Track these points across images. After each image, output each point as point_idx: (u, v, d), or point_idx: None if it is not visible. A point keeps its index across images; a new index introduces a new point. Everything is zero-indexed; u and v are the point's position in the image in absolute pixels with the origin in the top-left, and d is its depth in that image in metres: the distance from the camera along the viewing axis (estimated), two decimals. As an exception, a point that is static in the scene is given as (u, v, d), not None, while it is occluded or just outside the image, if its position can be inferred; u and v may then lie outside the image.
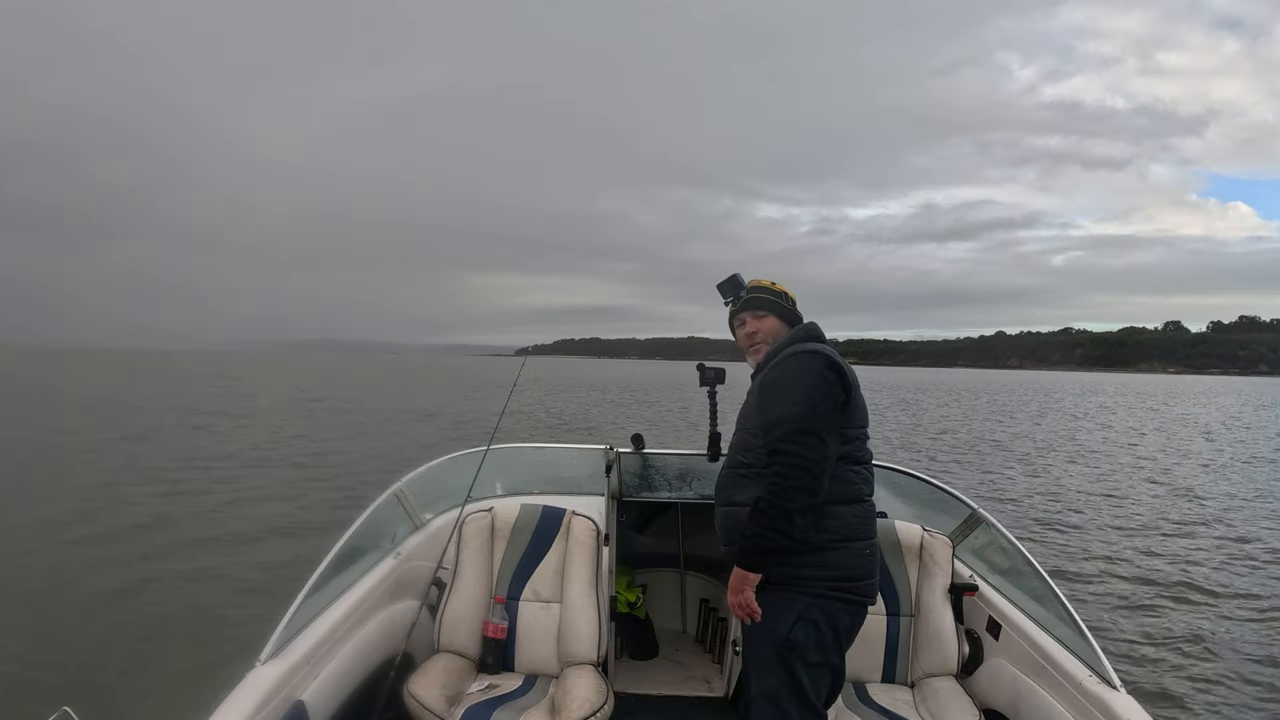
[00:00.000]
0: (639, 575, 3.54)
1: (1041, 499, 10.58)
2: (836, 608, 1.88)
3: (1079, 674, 2.04)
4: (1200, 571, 6.97)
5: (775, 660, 1.86)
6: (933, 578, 2.65)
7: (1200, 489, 12.11)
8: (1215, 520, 9.49)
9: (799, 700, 1.86)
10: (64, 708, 1.26)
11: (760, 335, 2.14)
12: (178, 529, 7.09)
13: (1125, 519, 9.36)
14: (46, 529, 6.87)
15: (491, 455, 2.90)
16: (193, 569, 5.87)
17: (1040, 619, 2.39)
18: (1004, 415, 29.28)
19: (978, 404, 37.17)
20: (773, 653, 1.87)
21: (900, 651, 2.60)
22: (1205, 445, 19.69)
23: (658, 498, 3.19)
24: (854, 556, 1.90)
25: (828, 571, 1.87)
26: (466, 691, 2.35)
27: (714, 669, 3.19)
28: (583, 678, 2.36)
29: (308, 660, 1.93)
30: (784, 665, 1.85)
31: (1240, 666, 4.74)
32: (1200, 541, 8.26)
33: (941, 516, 2.95)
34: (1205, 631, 5.35)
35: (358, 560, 2.47)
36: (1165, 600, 6.07)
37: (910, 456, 14.76)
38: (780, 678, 1.86)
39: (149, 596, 5.23)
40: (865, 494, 1.97)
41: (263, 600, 4.96)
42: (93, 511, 7.63)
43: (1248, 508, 10.43)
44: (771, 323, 2.15)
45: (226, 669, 1.88)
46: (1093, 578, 6.65)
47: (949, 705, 2.35)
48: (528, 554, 2.66)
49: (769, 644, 1.87)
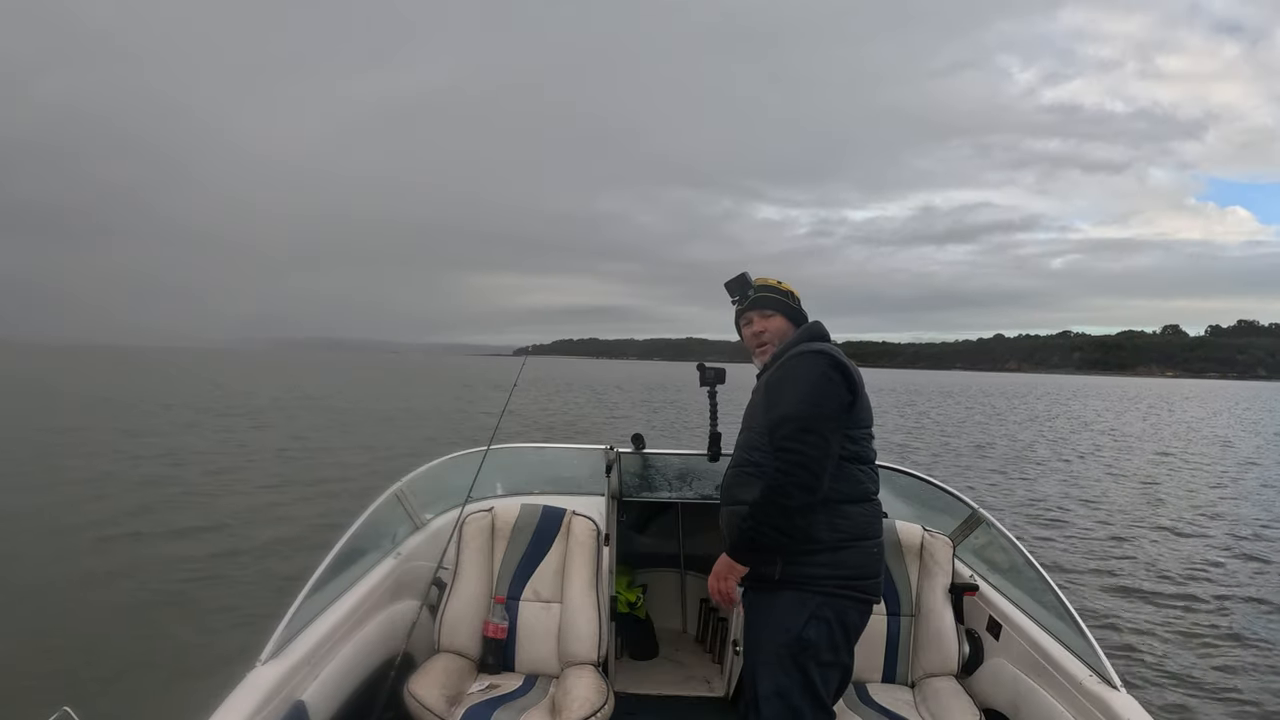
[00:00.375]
0: (639, 575, 3.54)
1: (1041, 499, 10.60)
2: (847, 606, 1.89)
3: (1079, 674, 2.04)
4: (1201, 572, 6.98)
5: (788, 659, 1.86)
6: (933, 578, 2.65)
7: (1202, 490, 12.13)
8: (1217, 520, 9.52)
9: (811, 699, 1.86)
10: (64, 708, 1.26)
11: (767, 335, 2.15)
12: (176, 529, 7.08)
13: (1126, 519, 9.37)
14: (46, 529, 6.86)
15: (491, 455, 2.90)
16: (192, 569, 5.86)
17: (1041, 619, 2.39)
18: (1005, 418, 29.30)
19: (990, 406, 37.19)
20: (786, 651, 1.87)
21: (901, 651, 2.60)
22: (1208, 448, 19.72)
23: (658, 498, 3.19)
24: (865, 555, 1.92)
25: (841, 571, 1.88)
26: (467, 691, 2.34)
27: (714, 669, 3.19)
28: (583, 678, 2.36)
29: (308, 660, 1.93)
30: (797, 664, 1.86)
31: (1240, 667, 4.75)
32: (1202, 542, 8.28)
33: (942, 516, 2.96)
34: (1206, 631, 5.36)
35: (358, 560, 2.47)
36: (1166, 600, 6.08)
37: (913, 458, 14.77)
38: (793, 676, 1.86)
39: (149, 596, 5.23)
40: (872, 493, 2.00)
41: (263, 600, 4.96)
42: (92, 511, 7.62)
43: (1252, 509, 10.46)
44: (779, 322, 2.15)
45: (226, 669, 1.88)
46: (1093, 578, 6.66)
47: (949, 705, 2.35)
48: (528, 554, 2.66)
49: (782, 643, 1.88)
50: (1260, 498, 11.55)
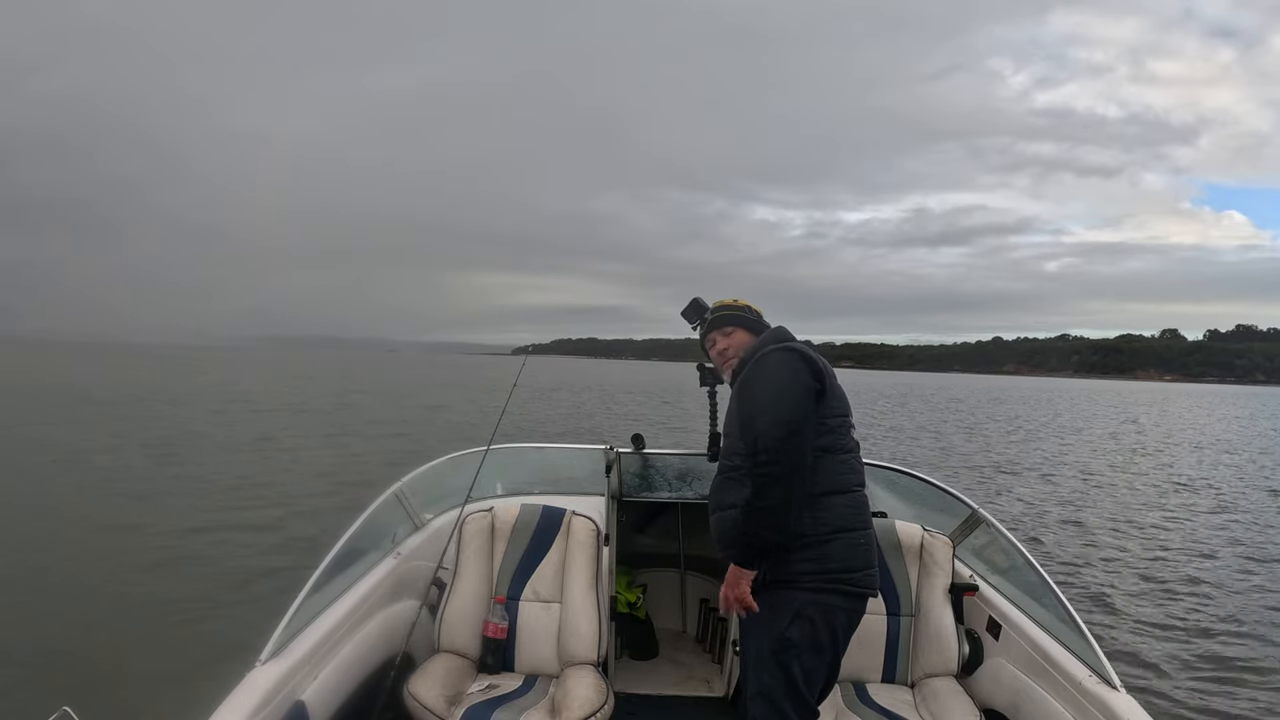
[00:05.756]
0: (639, 575, 3.54)
1: (1041, 499, 10.61)
2: (834, 602, 1.89)
3: (1079, 674, 2.04)
4: (1202, 572, 6.99)
5: (771, 658, 1.87)
6: (933, 578, 2.65)
7: (1204, 491, 12.14)
8: (1218, 521, 9.53)
9: (794, 698, 1.87)
10: (64, 708, 1.26)
11: (731, 351, 2.20)
12: (176, 529, 7.06)
13: (1126, 519, 9.38)
14: (45, 529, 6.84)
15: (491, 455, 2.90)
16: (192, 569, 5.85)
17: (1040, 619, 2.39)
18: (1010, 422, 29.31)
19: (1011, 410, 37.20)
20: (769, 651, 1.88)
21: (900, 651, 2.60)
22: (1212, 450, 19.74)
23: (658, 498, 3.19)
24: (851, 547, 1.91)
25: (827, 565, 1.88)
26: (466, 691, 2.34)
27: (714, 669, 3.19)
28: (583, 678, 2.36)
29: (308, 660, 1.93)
30: (780, 664, 1.87)
31: (1241, 667, 4.75)
32: (1203, 542, 8.29)
33: (941, 516, 2.96)
34: (1206, 631, 5.36)
35: (358, 560, 2.47)
36: (1166, 600, 6.08)
37: (909, 458, 14.79)
38: (776, 676, 1.87)
39: (149, 596, 5.21)
40: (854, 483, 1.99)
41: (263, 600, 4.95)
42: (91, 511, 7.60)
43: (1253, 509, 10.47)
44: (740, 336, 2.21)
45: (226, 669, 1.87)
46: (1093, 578, 6.66)
47: (949, 705, 2.35)
48: (528, 554, 2.66)
49: (766, 642, 1.89)
50: (1261, 498, 11.57)
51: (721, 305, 2.29)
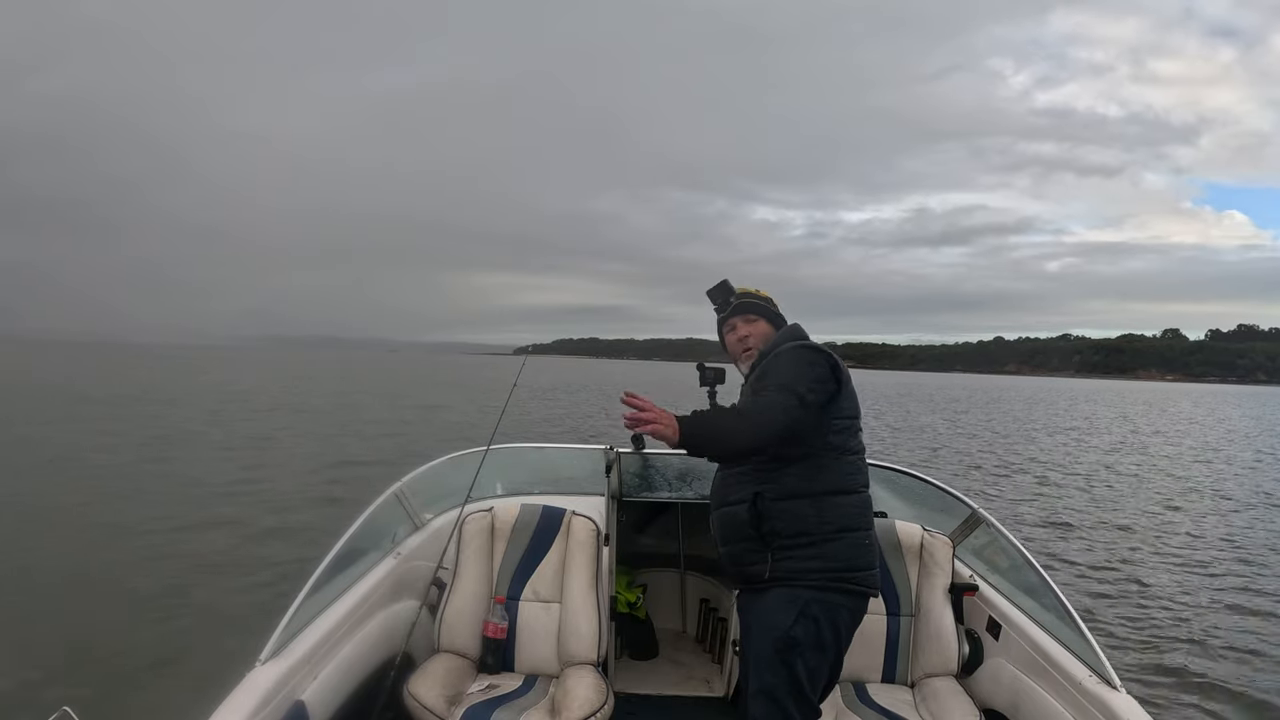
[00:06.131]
0: (639, 575, 3.54)
1: (1041, 499, 10.60)
2: (838, 601, 1.89)
3: (1079, 674, 2.04)
4: (1203, 572, 6.99)
5: (775, 657, 1.87)
6: (933, 578, 2.65)
7: (1206, 493, 12.13)
8: (1219, 521, 9.52)
9: (797, 697, 1.87)
10: (64, 708, 1.26)
11: (752, 339, 2.19)
12: (175, 529, 7.07)
13: (1126, 519, 9.37)
14: (44, 529, 6.85)
15: (491, 455, 2.90)
16: (191, 569, 5.85)
17: (1040, 619, 2.39)
18: (1017, 420, 29.29)
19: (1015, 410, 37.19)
20: (772, 649, 1.87)
21: (900, 651, 2.60)
22: (1213, 453, 19.73)
23: (658, 498, 3.19)
24: (855, 547, 1.92)
25: (831, 563, 1.88)
26: (466, 691, 2.34)
27: (714, 669, 3.19)
28: (583, 678, 2.36)
29: (308, 660, 1.93)
30: (784, 662, 1.86)
31: (1241, 667, 4.75)
32: (1203, 542, 8.29)
33: (941, 516, 2.96)
34: (1207, 631, 5.35)
35: (358, 560, 2.47)
36: (1166, 601, 6.08)
37: (910, 458, 14.78)
38: (779, 675, 1.86)
39: (149, 596, 5.22)
40: (861, 484, 2.00)
41: (263, 600, 4.95)
42: (90, 511, 7.61)
43: (1254, 510, 10.46)
44: (762, 326, 2.20)
45: (226, 669, 1.87)
46: (1093, 578, 6.66)
47: (949, 705, 2.35)
48: (528, 554, 2.66)
49: (769, 641, 1.88)
50: (1263, 499, 11.56)
51: (747, 292, 2.26)
